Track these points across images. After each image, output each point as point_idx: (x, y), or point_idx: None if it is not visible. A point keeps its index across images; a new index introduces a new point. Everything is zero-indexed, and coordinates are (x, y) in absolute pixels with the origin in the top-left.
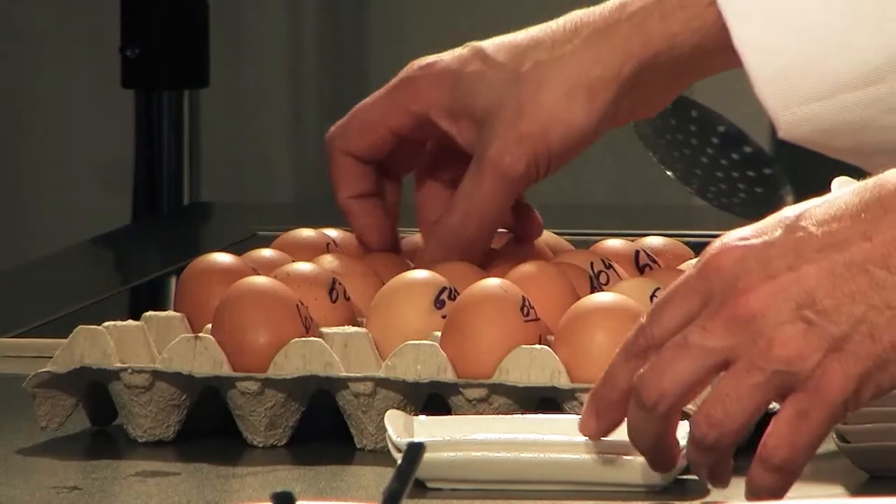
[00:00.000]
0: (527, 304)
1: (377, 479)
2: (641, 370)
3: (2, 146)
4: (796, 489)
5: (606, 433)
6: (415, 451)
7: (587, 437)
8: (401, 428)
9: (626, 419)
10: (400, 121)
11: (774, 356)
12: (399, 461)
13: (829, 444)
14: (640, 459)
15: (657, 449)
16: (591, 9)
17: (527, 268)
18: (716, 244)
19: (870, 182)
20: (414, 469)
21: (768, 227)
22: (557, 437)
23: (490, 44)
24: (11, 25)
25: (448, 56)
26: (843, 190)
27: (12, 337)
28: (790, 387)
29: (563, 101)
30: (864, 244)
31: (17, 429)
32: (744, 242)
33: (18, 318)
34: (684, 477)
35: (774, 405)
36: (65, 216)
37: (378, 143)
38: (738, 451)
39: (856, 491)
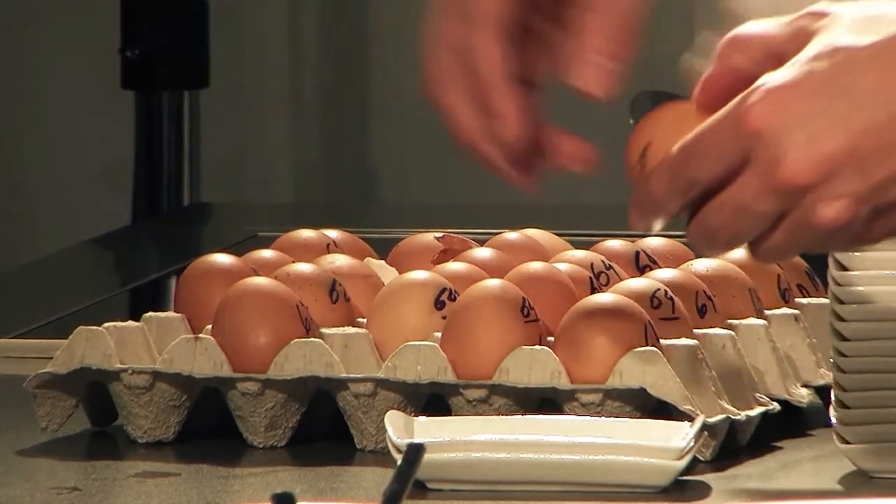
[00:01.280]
0: (527, 304)
1: (377, 479)
2: (699, 220)
3: (2, 146)
4: (797, 491)
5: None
6: (415, 451)
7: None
8: (401, 428)
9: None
10: None
11: (824, 226)
12: (399, 462)
13: (830, 445)
14: (640, 460)
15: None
16: None
17: (527, 268)
18: (754, 93)
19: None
20: (414, 470)
21: (806, 69)
22: (557, 438)
23: None
24: (11, 26)
25: None
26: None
27: (13, 337)
28: (831, 244)
29: None
30: None
31: (18, 429)
32: (784, 95)
33: (19, 318)
34: (685, 478)
35: (775, 405)
36: (65, 216)
37: None
38: (742, 449)
39: (856, 492)
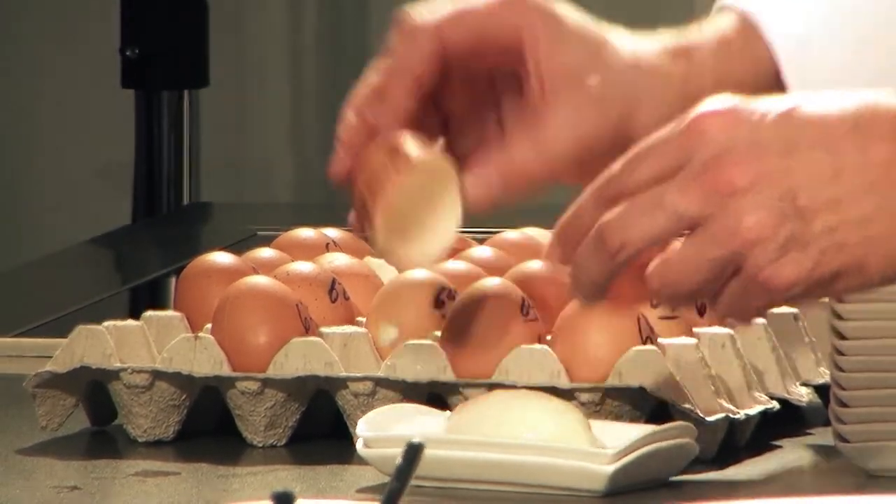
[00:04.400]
0: (526, 303)
1: (377, 478)
2: (609, 214)
3: (2, 146)
4: (797, 489)
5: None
6: (414, 450)
7: (552, 263)
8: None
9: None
10: None
11: (740, 238)
12: (398, 460)
13: (830, 444)
14: (569, 463)
15: (597, 285)
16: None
17: (526, 268)
18: (705, 105)
19: (866, 95)
20: (413, 468)
21: (762, 105)
22: (495, 438)
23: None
24: (11, 26)
25: None
26: (837, 94)
27: (12, 337)
28: (744, 265)
29: None
30: (857, 156)
31: (18, 429)
32: (736, 110)
33: (18, 318)
34: (684, 478)
35: (775, 404)
36: (65, 216)
37: None
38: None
39: (856, 490)
